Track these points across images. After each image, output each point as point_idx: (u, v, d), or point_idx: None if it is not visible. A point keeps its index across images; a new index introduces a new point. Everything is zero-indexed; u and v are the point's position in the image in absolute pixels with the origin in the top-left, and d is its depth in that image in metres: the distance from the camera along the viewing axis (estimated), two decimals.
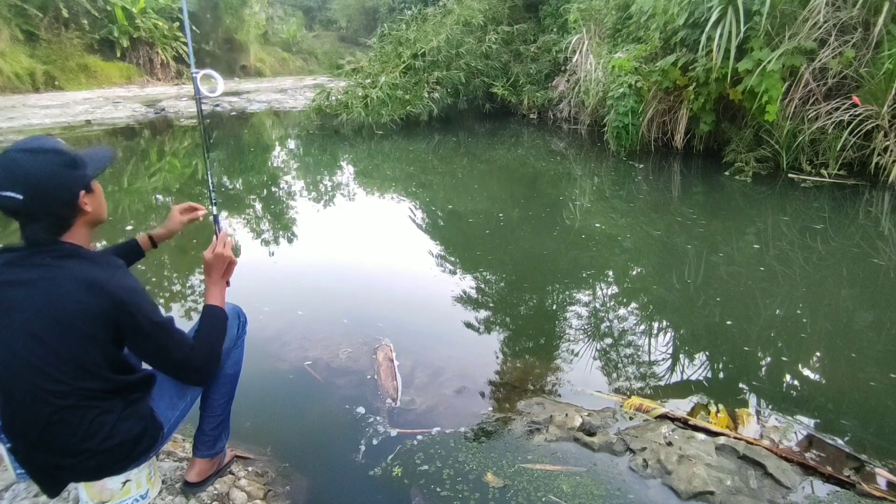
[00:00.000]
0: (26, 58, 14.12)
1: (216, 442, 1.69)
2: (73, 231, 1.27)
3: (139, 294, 1.27)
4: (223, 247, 1.53)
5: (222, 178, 6.86)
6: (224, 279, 1.55)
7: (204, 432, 1.67)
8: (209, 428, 1.66)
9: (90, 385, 1.25)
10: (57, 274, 1.20)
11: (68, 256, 1.23)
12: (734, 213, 4.94)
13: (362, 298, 3.37)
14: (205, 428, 1.66)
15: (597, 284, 3.70)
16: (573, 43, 8.91)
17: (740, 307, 3.19)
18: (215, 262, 1.52)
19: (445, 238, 4.63)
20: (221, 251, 1.52)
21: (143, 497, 1.50)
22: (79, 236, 1.28)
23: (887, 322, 2.98)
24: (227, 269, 1.55)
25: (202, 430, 1.67)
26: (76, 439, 1.26)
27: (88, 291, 1.20)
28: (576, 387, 2.43)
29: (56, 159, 1.21)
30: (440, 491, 1.80)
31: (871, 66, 5.32)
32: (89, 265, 1.23)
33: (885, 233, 4.26)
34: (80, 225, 1.28)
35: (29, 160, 1.18)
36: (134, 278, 1.31)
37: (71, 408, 1.23)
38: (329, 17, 32.27)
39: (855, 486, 1.82)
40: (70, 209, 1.24)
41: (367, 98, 9.06)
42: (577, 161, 7.44)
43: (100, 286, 1.21)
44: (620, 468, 1.92)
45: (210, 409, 1.65)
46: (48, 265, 1.20)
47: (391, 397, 2.31)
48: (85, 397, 1.24)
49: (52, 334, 1.18)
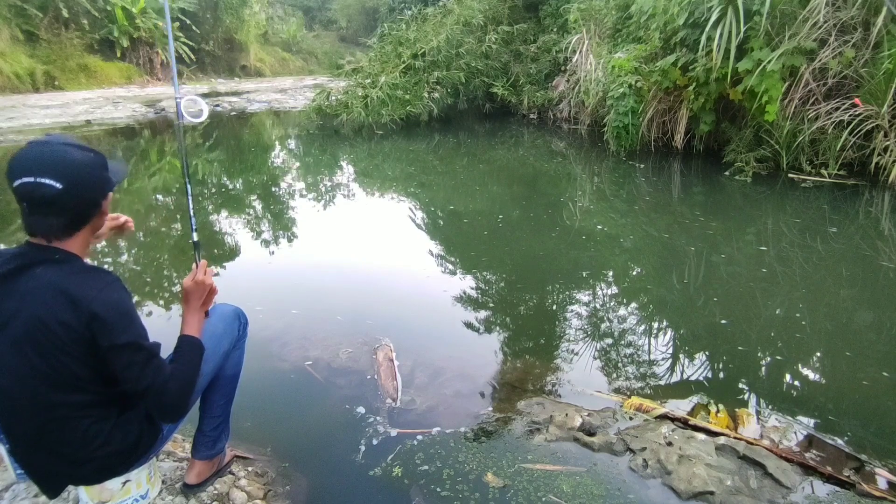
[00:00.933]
0: (26, 58, 14.12)
1: (215, 443, 1.69)
2: (80, 235, 1.25)
3: (121, 310, 1.21)
4: (203, 274, 1.48)
5: (222, 178, 6.86)
6: (203, 309, 1.50)
7: (203, 433, 1.67)
8: (208, 429, 1.66)
9: (79, 398, 1.23)
10: (44, 285, 1.17)
11: (60, 263, 1.20)
12: (734, 213, 4.94)
13: (363, 298, 3.37)
14: (204, 429, 1.66)
15: (597, 284, 3.70)
16: (573, 43, 8.92)
17: (740, 307, 3.19)
18: (194, 290, 1.46)
19: (445, 238, 4.63)
20: (202, 278, 1.47)
21: (143, 497, 1.50)
22: (80, 243, 1.26)
23: (887, 322, 2.98)
24: (207, 298, 1.50)
25: (201, 431, 1.67)
26: (71, 448, 1.25)
27: (68, 307, 1.15)
28: (576, 387, 2.43)
29: (97, 159, 1.24)
30: (440, 491, 1.80)
31: (870, 66, 5.32)
32: (77, 277, 1.20)
33: (885, 233, 4.26)
34: (88, 231, 1.27)
35: (75, 153, 1.19)
36: (122, 294, 1.23)
37: (62, 419, 1.22)
38: (329, 18, 32.29)
39: (855, 486, 1.82)
40: (94, 208, 1.25)
41: (367, 98, 9.06)
42: (577, 161, 7.44)
43: (77, 301, 1.16)
44: (620, 468, 1.92)
45: (210, 410, 1.65)
46: (38, 276, 1.18)
47: (391, 397, 2.31)
48: (76, 408, 1.23)
49: (35, 349, 1.16)
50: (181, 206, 5.33)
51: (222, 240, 4.56)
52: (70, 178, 1.16)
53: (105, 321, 1.17)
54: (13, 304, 1.17)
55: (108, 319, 1.17)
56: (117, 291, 1.23)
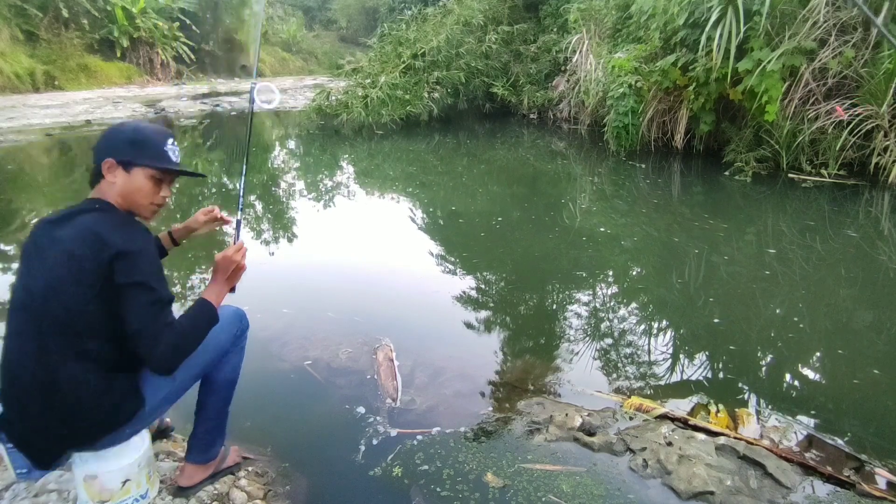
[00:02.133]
0: (26, 58, 14.12)
1: (209, 448, 1.68)
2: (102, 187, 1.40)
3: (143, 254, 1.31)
4: (236, 252, 1.52)
5: (222, 178, 6.86)
6: (229, 283, 1.53)
7: (197, 436, 1.66)
8: (202, 432, 1.65)
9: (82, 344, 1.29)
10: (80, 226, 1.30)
11: (101, 211, 1.35)
12: (734, 213, 4.94)
13: (363, 298, 3.37)
14: (197, 432, 1.65)
15: (597, 284, 3.70)
16: (573, 43, 8.92)
17: (740, 307, 3.19)
18: (223, 264, 1.50)
19: (445, 238, 4.63)
20: (233, 255, 1.51)
21: (142, 497, 1.50)
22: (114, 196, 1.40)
23: (887, 322, 2.98)
24: (234, 274, 1.53)
25: (195, 435, 1.66)
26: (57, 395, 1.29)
27: (96, 244, 1.26)
28: (576, 387, 2.43)
29: (128, 131, 1.43)
30: (440, 491, 1.80)
31: (870, 65, 5.32)
32: (111, 223, 1.32)
33: (885, 233, 4.26)
34: (112, 191, 1.40)
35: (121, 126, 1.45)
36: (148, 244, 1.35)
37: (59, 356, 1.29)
38: (329, 18, 32.28)
39: (855, 486, 1.82)
40: (98, 168, 1.40)
41: (367, 98, 9.06)
42: (577, 161, 7.44)
43: (105, 241, 1.27)
44: (620, 468, 1.92)
45: (204, 413, 1.64)
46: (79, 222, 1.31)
47: (391, 397, 2.31)
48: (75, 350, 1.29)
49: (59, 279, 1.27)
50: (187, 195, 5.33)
51: (222, 239, 4.56)
52: (100, 139, 1.42)
53: (126, 259, 1.27)
54: (52, 243, 1.31)
55: (130, 259, 1.28)
56: (144, 240, 1.35)
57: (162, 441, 1.95)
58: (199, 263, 3.97)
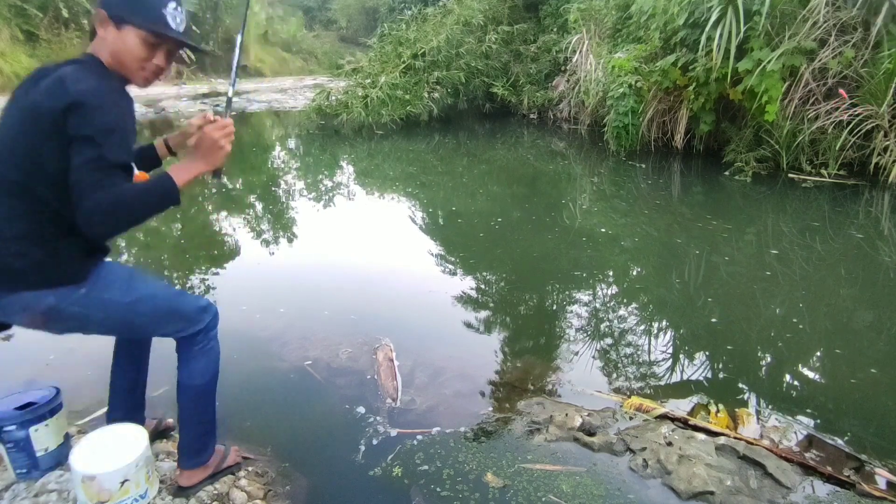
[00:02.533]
0: (26, 58, 14.10)
1: (199, 453, 1.65)
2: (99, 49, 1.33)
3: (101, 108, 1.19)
4: (216, 129, 1.37)
5: (222, 178, 6.85)
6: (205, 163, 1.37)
7: (182, 444, 1.63)
8: (189, 439, 1.62)
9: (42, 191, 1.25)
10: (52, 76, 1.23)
11: (76, 63, 1.28)
12: (734, 213, 4.94)
13: (363, 298, 3.37)
14: (183, 440, 1.62)
15: (597, 284, 3.70)
16: (573, 43, 8.92)
17: (740, 307, 3.19)
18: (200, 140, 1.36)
19: (445, 238, 4.63)
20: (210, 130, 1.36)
21: (142, 497, 1.50)
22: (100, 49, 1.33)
23: (887, 322, 2.98)
24: (212, 153, 1.37)
25: (181, 442, 1.63)
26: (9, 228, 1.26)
27: (58, 91, 1.19)
28: (576, 387, 2.43)
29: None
30: (440, 491, 1.80)
31: (870, 65, 5.32)
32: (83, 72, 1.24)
33: (885, 233, 4.26)
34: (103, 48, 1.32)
35: None
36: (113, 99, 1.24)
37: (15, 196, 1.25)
38: (329, 18, 32.28)
39: (855, 486, 1.82)
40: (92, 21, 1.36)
41: (367, 98, 9.06)
42: (577, 161, 7.44)
43: (67, 88, 1.18)
44: (620, 468, 1.92)
45: (183, 421, 1.60)
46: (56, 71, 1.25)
47: (391, 397, 2.31)
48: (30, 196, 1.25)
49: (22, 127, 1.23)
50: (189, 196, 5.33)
51: (222, 239, 4.56)
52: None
53: (81, 110, 1.17)
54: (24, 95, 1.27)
55: (84, 110, 1.17)
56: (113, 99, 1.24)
57: (161, 441, 1.95)
58: (200, 263, 3.97)
